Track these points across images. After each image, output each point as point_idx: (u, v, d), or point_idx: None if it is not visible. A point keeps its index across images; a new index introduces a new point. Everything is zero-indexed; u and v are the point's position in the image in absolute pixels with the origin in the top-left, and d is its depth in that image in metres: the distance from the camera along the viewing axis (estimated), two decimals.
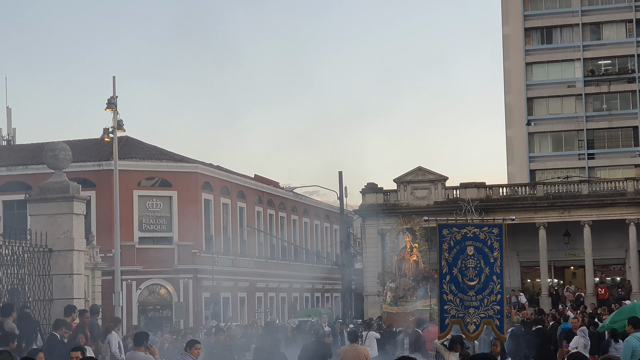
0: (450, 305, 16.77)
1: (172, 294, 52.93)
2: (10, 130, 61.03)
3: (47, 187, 19.88)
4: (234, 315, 55.28)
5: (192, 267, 53.05)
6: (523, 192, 58.60)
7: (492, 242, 16.78)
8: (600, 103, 77.52)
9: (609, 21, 77.65)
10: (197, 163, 55.92)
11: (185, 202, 53.42)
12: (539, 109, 78.52)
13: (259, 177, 66.47)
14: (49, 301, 19.04)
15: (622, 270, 59.60)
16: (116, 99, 38.95)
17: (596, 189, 57.85)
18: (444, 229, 16.95)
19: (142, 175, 53.14)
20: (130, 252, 50.24)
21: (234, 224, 59.45)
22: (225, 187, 58.34)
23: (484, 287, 16.67)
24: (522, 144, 77.66)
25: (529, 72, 78.58)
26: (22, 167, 52.18)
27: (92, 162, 51.43)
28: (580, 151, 77.06)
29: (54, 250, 19.39)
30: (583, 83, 77.12)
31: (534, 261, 57.77)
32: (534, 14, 78.83)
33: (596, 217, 55.99)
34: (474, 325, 16.74)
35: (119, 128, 39.30)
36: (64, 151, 20.13)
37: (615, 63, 77.85)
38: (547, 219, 56.68)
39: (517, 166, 77.35)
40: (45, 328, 18.25)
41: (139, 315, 51.56)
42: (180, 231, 53.14)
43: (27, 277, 18.96)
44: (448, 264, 16.82)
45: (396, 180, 58.72)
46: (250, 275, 59.96)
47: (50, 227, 19.41)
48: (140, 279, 51.87)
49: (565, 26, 78.19)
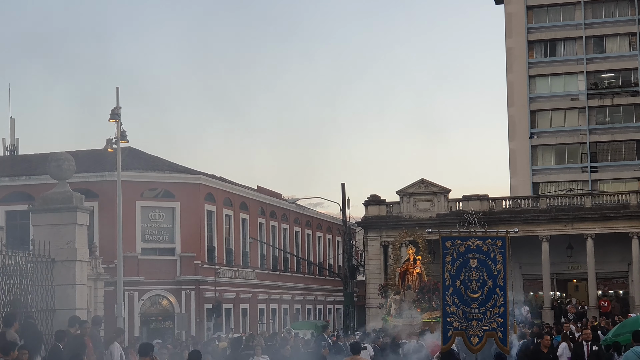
0: (453, 317, 16.74)
1: (174, 305, 52.89)
2: (14, 141, 61.02)
3: (50, 198, 19.87)
4: (235, 327, 55.20)
5: (195, 278, 53.04)
6: (526, 205, 58.60)
7: (495, 254, 16.77)
8: (604, 116, 77.51)
9: (613, 34, 77.72)
10: (199, 174, 55.93)
11: (188, 213, 53.42)
12: (542, 121, 78.54)
13: (261, 188, 66.49)
14: (52, 311, 19.01)
15: (624, 283, 59.54)
16: (119, 110, 39.01)
17: (599, 202, 57.85)
18: (447, 241, 16.93)
19: (145, 186, 53.15)
20: (132, 263, 50.24)
21: (237, 235, 59.44)
22: (228, 199, 58.35)
23: (487, 299, 16.65)
24: (525, 157, 77.65)
25: (532, 85, 78.62)
26: (25, 177, 52.18)
27: (95, 172, 51.43)
28: (583, 164, 77.02)
29: (57, 261, 19.36)
30: (586, 96, 77.14)
31: (537, 274, 57.72)
32: (538, 26, 78.90)
33: (599, 230, 55.98)
34: (477, 337, 16.70)
35: (122, 139, 39.35)
36: (67, 161, 20.14)
37: (618, 76, 77.85)
38: (550, 231, 56.66)
39: (520, 179, 77.31)
40: (47, 338, 18.22)
41: (141, 326, 51.50)
42: (183, 242, 53.13)
43: (30, 287, 18.92)
44: (451, 276, 16.80)
45: (399, 193, 58.75)
46: (252, 287, 59.92)
47: (53, 238, 19.39)
48: (143, 290, 51.83)
49: (568, 39, 78.25)
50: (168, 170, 54.77)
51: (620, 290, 59.85)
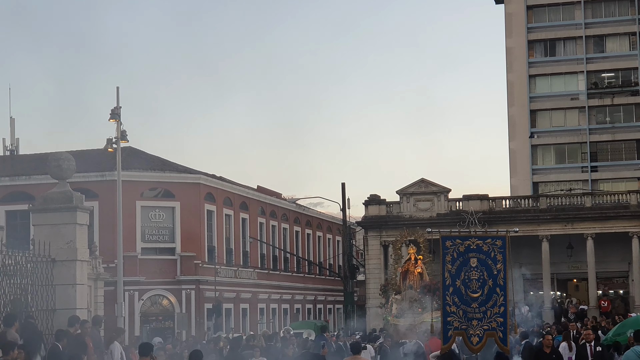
0: (454, 317, 16.74)
1: (174, 305, 52.90)
2: (14, 141, 61.01)
3: (50, 197, 19.86)
4: (235, 327, 55.21)
5: (195, 278, 53.04)
6: (526, 205, 58.58)
7: (495, 254, 16.77)
8: (604, 116, 77.48)
9: (613, 34, 77.69)
10: (200, 174, 55.92)
11: (188, 213, 53.43)
12: (542, 121, 78.51)
13: (261, 188, 66.48)
14: (52, 311, 19.00)
15: (625, 282, 59.52)
16: (120, 110, 39.01)
17: (599, 202, 57.84)
18: (447, 241, 16.94)
19: (145, 186, 53.15)
20: (132, 263, 50.24)
21: (237, 235, 59.45)
22: (228, 198, 58.34)
23: (487, 299, 16.66)
24: (525, 157, 77.62)
25: (532, 85, 78.57)
26: (25, 177, 52.18)
27: (95, 172, 51.41)
28: (584, 164, 76.97)
29: (57, 260, 19.36)
30: (586, 96, 77.10)
31: (537, 274, 57.68)
32: (538, 26, 78.87)
33: (599, 230, 55.97)
34: (477, 337, 16.71)
35: (122, 139, 39.35)
36: (67, 161, 20.12)
37: (618, 76, 77.82)
38: (550, 231, 56.65)
39: (520, 178, 77.28)
40: (47, 338, 18.22)
41: (141, 326, 51.50)
42: (183, 242, 53.13)
43: (30, 287, 18.91)
44: (451, 275, 16.81)
45: (399, 192, 58.73)
46: (252, 287, 59.92)
47: (54, 237, 19.38)
48: (143, 290, 51.84)
49: (568, 39, 78.21)
50: (168, 170, 54.77)
51: (621, 290, 59.84)
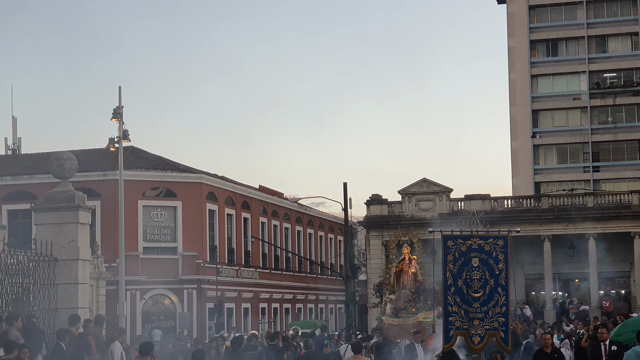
0: (455, 316, 16.73)
1: (176, 304, 52.94)
2: (16, 140, 61.09)
3: (52, 197, 19.88)
4: (237, 326, 55.25)
5: (196, 277, 53.08)
6: (528, 205, 58.52)
7: (497, 254, 16.75)
8: (606, 116, 77.44)
9: (615, 34, 77.65)
10: (201, 173, 55.96)
11: (190, 212, 53.47)
12: (544, 121, 78.46)
13: (263, 187, 66.52)
14: (54, 310, 19.03)
15: (627, 283, 59.44)
16: (122, 109, 39.02)
17: (601, 202, 57.77)
18: (449, 241, 16.91)
19: (147, 185, 53.20)
20: (134, 262, 50.26)
21: (239, 235, 59.48)
22: (230, 198, 58.37)
23: (489, 298, 16.63)
24: (527, 156, 77.58)
25: (534, 85, 78.54)
26: (28, 176, 52.25)
27: (97, 171, 51.49)
28: (586, 164, 76.92)
29: (59, 260, 19.38)
30: (588, 96, 77.04)
31: (539, 274, 57.65)
32: (540, 26, 78.83)
33: (601, 230, 55.90)
34: (479, 337, 16.70)
35: (124, 138, 39.35)
36: (69, 160, 20.14)
37: (620, 76, 77.78)
38: (552, 231, 56.59)
39: (522, 178, 77.24)
40: (50, 337, 18.23)
41: (142, 325, 51.54)
42: (185, 241, 53.19)
43: (32, 286, 18.94)
44: (453, 275, 16.78)
45: (401, 192, 58.70)
46: (254, 286, 59.95)
47: (56, 237, 19.41)
48: (145, 289, 51.88)
49: (570, 39, 78.16)
50: (170, 170, 54.81)
51: (622, 290, 59.78)
